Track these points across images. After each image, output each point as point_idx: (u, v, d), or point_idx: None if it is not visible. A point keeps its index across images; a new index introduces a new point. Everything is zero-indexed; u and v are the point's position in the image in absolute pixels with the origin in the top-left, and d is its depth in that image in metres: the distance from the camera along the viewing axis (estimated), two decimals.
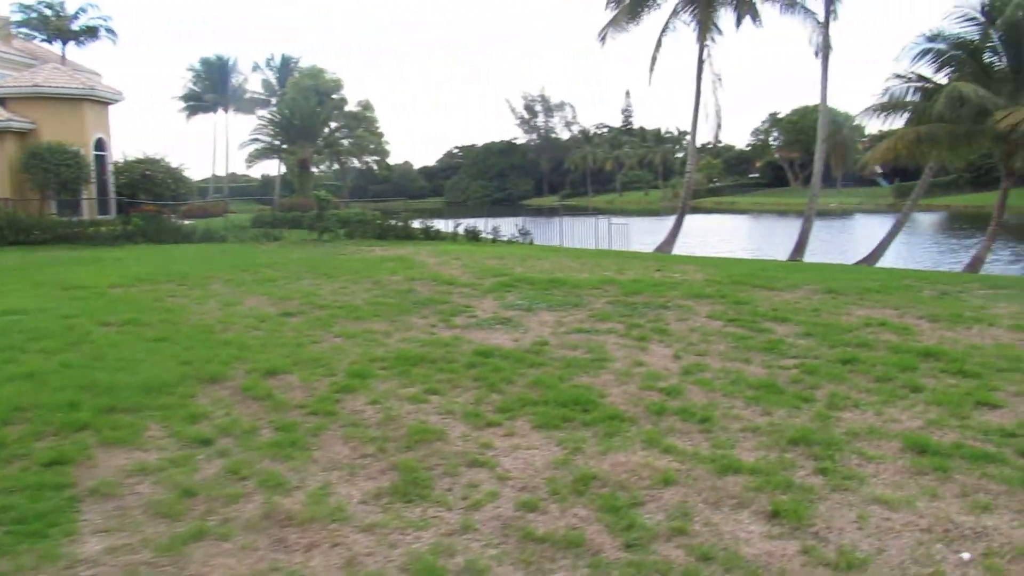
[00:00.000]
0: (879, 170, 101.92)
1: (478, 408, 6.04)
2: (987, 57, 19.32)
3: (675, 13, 26.87)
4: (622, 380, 7.06)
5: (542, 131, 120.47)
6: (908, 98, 20.20)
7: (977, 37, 19.19)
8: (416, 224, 28.95)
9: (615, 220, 36.20)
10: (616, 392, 6.62)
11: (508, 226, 31.47)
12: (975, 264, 19.54)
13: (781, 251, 37.30)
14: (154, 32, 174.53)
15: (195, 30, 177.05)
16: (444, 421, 5.73)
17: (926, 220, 64.08)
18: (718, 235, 51.70)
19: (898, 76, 20.13)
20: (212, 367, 7.39)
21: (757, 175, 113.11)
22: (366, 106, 60.68)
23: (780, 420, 5.85)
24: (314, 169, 59.52)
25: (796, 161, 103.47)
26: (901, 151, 19.34)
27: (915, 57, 19.48)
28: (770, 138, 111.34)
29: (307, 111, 47.71)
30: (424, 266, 16.76)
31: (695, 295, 12.07)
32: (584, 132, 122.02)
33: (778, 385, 6.84)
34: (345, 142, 57.53)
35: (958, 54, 19.29)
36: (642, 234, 41.67)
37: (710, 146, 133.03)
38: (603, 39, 27.12)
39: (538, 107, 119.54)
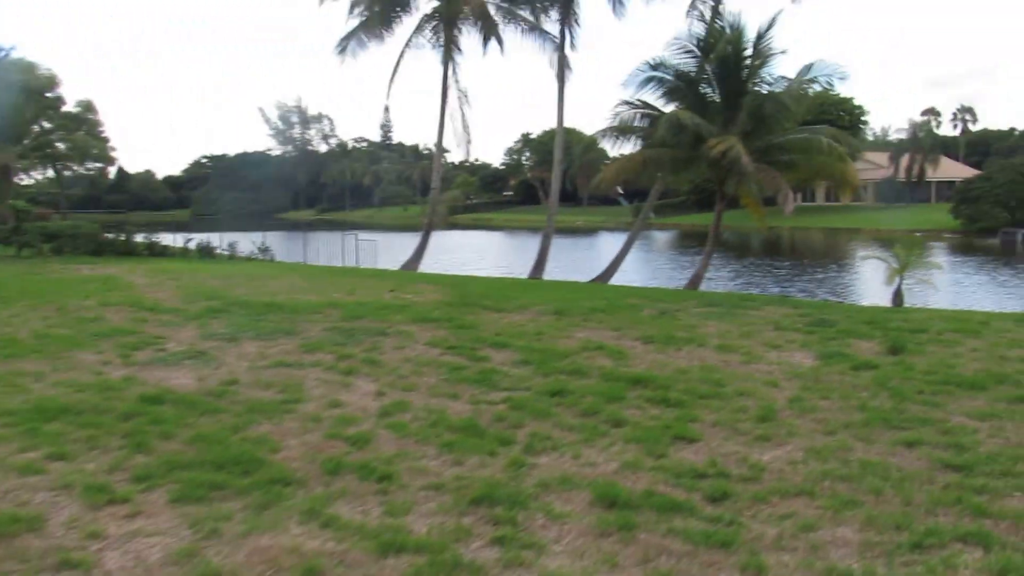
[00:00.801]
0: (620, 191, 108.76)
1: (109, 477, 4.93)
2: (704, 88, 20.52)
3: (419, 29, 26.55)
4: (308, 427, 6.24)
5: (298, 143, 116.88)
6: (636, 123, 21.03)
7: (694, 69, 20.34)
8: (140, 239, 26.41)
9: (363, 236, 35.31)
10: (294, 444, 5.78)
11: (249, 242, 29.65)
12: (695, 281, 20.65)
13: (528, 268, 38.22)
14: None
15: None
16: (53, 501, 4.56)
17: (661, 238, 68.73)
18: (470, 252, 52.17)
19: (626, 102, 20.91)
20: None
21: (511, 193, 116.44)
22: (87, 107, 55.25)
23: (470, 472, 5.28)
24: (24, 177, 53.32)
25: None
26: (629, 173, 20.10)
27: (640, 84, 20.33)
28: (523, 158, 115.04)
29: (8, 108, 42.40)
30: (130, 288, 15.00)
31: (420, 319, 11.49)
32: (342, 145, 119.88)
33: (479, 426, 6.32)
34: (61, 145, 52.02)
35: (679, 84, 20.34)
36: (395, 251, 40.96)
37: (466, 163, 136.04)
38: (343, 51, 26.21)
39: (294, 118, 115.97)
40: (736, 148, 17.87)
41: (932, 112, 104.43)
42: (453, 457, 5.57)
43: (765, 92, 19.97)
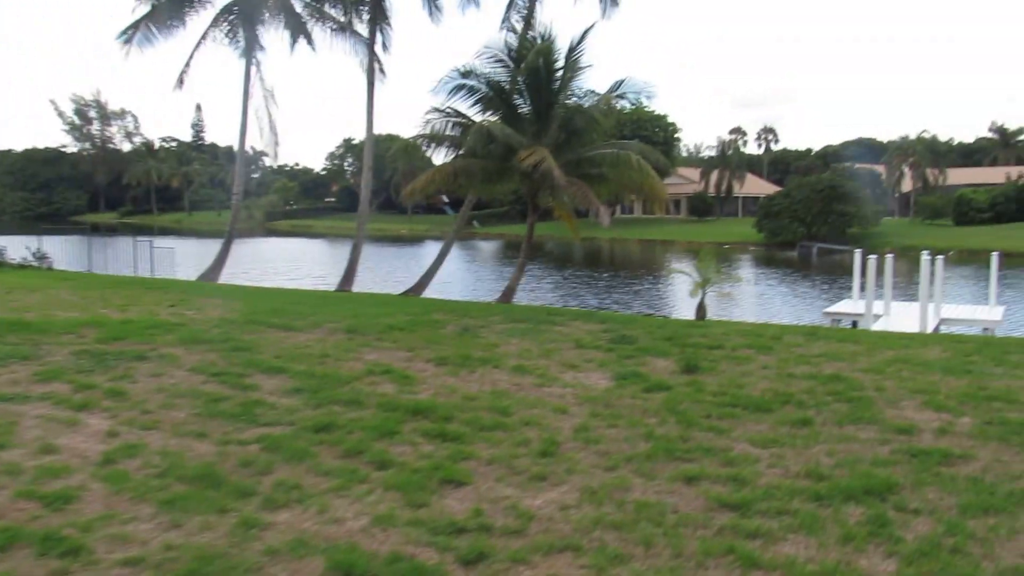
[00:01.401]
0: (446, 199, 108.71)
1: None
2: (516, 99, 20.24)
3: (216, 23, 24.81)
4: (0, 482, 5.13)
5: (97, 140, 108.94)
6: (448, 132, 20.44)
7: (506, 79, 20.02)
8: None
9: (160, 243, 32.91)
10: None
11: (23, 247, 26.79)
12: (508, 294, 20.31)
13: (338, 278, 36.93)
14: None
15: None
16: None
17: (486, 248, 68.94)
18: (284, 261, 50.11)
19: (437, 110, 20.30)
20: None
21: (334, 199, 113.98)
22: None
23: (186, 538, 4.39)
24: None
25: (447, 191, 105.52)
26: (440, 184, 19.50)
27: (450, 92, 19.79)
28: (345, 163, 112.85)
29: None
30: None
31: (192, 340, 10.32)
32: (148, 144, 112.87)
33: (219, 474, 5.42)
34: None
35: (490, 94, 19.96)
36: (199, 259, 38.57)
37: (286, 168, 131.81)
38: (128, 41, 24.03)
39: (93, 113, 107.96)
40: (547, 160, 17.66)
41: (739, 131, 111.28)
42: (171, 518, 4.65)
43: (576, 105, 19.93)
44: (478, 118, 20.35)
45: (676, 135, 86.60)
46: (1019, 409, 7.19)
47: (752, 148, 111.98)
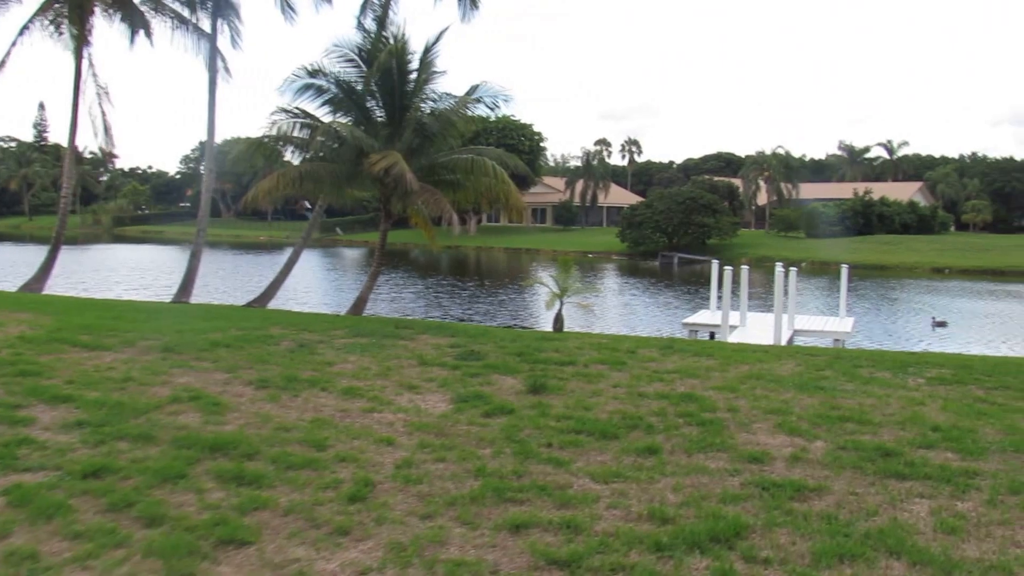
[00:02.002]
0: (308, 205, 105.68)
1: None
2: (369, 101, 19.26)
3: (43, 12, 22.63)
4: None
5: None
6: (296, 133, 19.20)
7: (358, 80, 19.02)
8: None
9: None
10: None
11: None
12: (359, 305, 19.25)
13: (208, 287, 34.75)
14: None
15: None
16: None
17: (350, 255, 67.19)
18: (127, 269, 47.08)
19: (284, 110, 19.04)
20: None
21: (188, 204, 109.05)
22: None
23: None
24: None
25: (228, 192, 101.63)
26: (285, 188, 18.26)
27: (297, 91, 18.59)
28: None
29: None
30: None
31: None
32: None
33: None
34: None
35: (340, 94, 18.90)
36: (29, 267, 35.53)
37: (137, 171, 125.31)
38: None
39: None
40: (400, 165, 16.77)
41: (604, 143, 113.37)
42: None
43: (430, 109, 19.13)
44: (329, 120, 19.25)
45: (542, 144, 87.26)
46: (871, 431, 6.85)
47: (617, 160, 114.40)
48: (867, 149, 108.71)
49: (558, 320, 16.67)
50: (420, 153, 19.30)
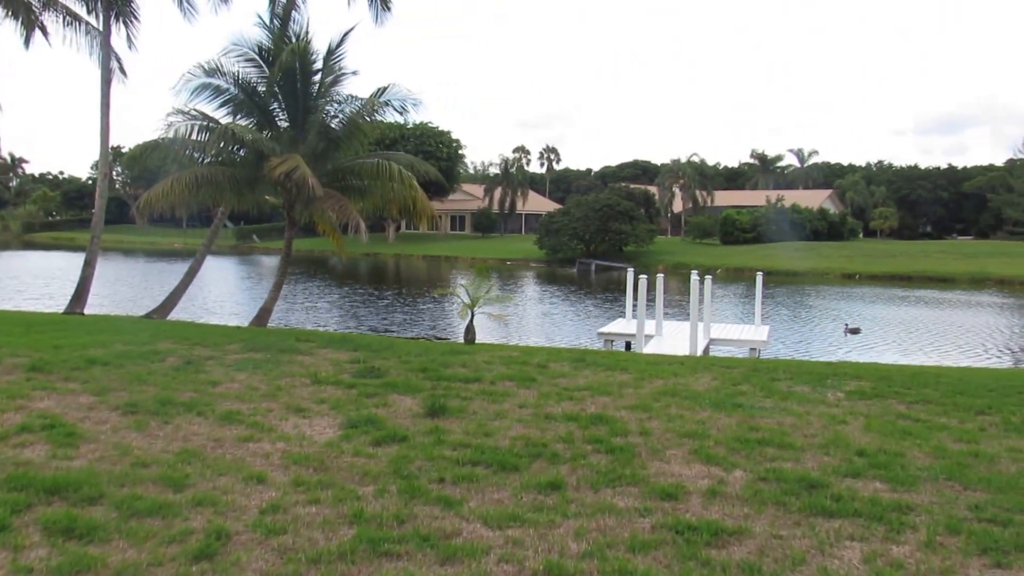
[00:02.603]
0: (223, 210, 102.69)
1: None
2: (272, 103, 18.28)
3: None
4: None
5: None
6: (195, 136, 18.06)
7: (258, 80, 18.04)
8: None
9: None
10: None
11: None
12: (262, 316, 18.21)
13: (91, 298, 32.80)
14: None
15: None
16: None
17: (268, 263, 65.24)
18: (31, 276, 44.57)
19: (181, 112, 17.90)
20: None
21: None
22: None
23: None
24: None
25: (192, 202, 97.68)
26: (181, 194, 17.12)
27: (194, 92, 17.49)
28: (114, 172, 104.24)
29: None
30: None
31: None
32: None
33: None
34: None
35: (240, 95, 17.87)
36: None
37: (48, 176, 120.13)
38: None
39: None
40: (301, 169, 15.86)
41: (522, 150, 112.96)
42: None
43: (335, 111, 18.25)
44: (231, 122, 18.20)
45: (460, 151, 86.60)
46: (793, 456, 6.36)
47: (536, 167, 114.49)
48: (779, 157, 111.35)
49: (469, 332, 16.00)
50: (325, 158, 18.44)
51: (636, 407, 8.24)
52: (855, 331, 26.47)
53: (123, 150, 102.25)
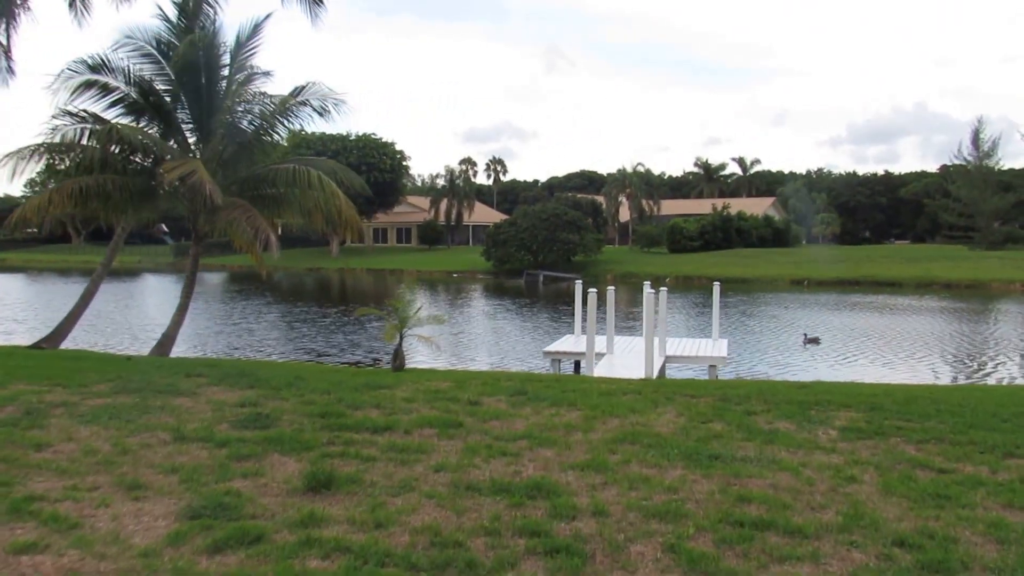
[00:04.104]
0: (165, 228, 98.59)
1: None
2: (173, 103, 16.09)
3: None
4: None
5: None
6: (86, 140, 15.80)
7: (156, 76, 15.85)
8: None
9: None
10: None
11: None
12: (164, 344, 15.93)
13: (24, 323, 29.97)
14: None
15: None
16: None
17: (210, 280, 62.27)
18: None
19: (69, 113, 15.64)
20: None
21: (35, 230, 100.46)
22: None
23: None
24: None
25: (79, 216, 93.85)
26: (63, 206, 14.84)
27: (76, 90, 15.22)
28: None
29: None
30: None
31: None
32: None
33: None
34: None
35: (131, 93, 15.67)
36: None
37: None
38: None
39: None
40: (199, 174, 13.74)
41: (469, 162, 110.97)
42: None
43: (243, 111, 16.12)
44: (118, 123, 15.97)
45: (405, 163, 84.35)
46: (809, 555, 4.49)
47: (483, 179, 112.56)
48: (723, 166, 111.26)
49: (397, 357, 13.96)
50: (236, 164, 16.34)
51: (587, 466, 6.38)
52: (814, 341, 25.06)
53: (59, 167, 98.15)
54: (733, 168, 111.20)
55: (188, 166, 13.89)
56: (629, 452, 6.93)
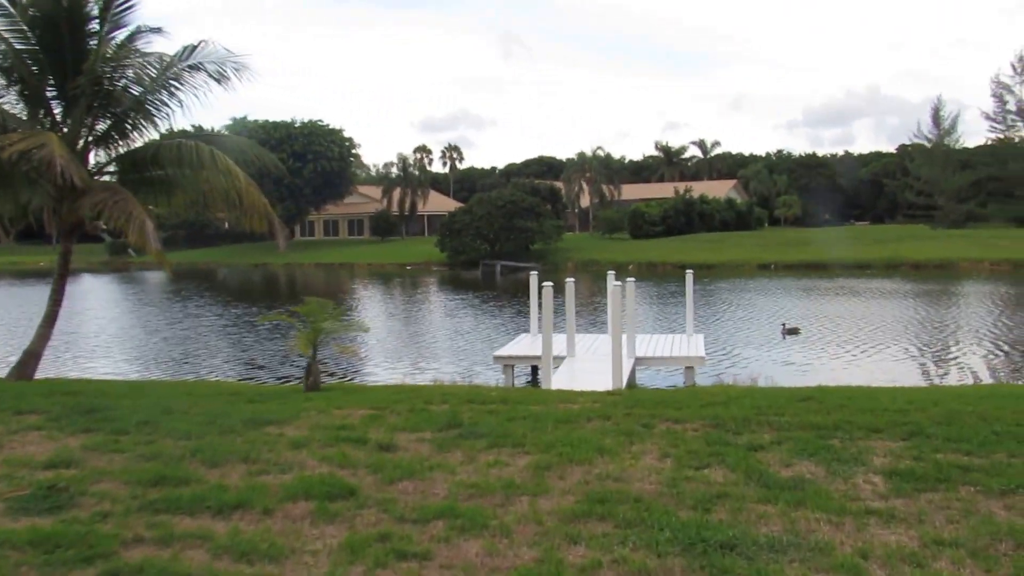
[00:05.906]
0: (104, 225, 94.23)
1: None
2: (28, 64, 13.21)
3: None
4: None
5: None
6: None
7: (8, 32, 12.97)
8: None
9: None
10: None
11: None
12: (25, 364, 13.07)
13: None
14: None
15: None
16: None
17: (153, 279, 58.79)
18: None
19: None
20: None
21: None
22: None
23: None
24: None
25: (6, 215, 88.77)
26: None
27: None
28: None
29: None
30: None
31: None
32: None
33: None
34: None
35: None
36: None
37: None
38: None
39: None
40: (48, 148, 10.96)
41: (423, 150, 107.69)
42: None
43: (116, 76, 13.24)
44: None
45: (353, 150, 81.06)
46: None
47: (438, 167, 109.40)
48: (683, 149, 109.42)
49: (310, 374, 11.35)
50: (111, 141, 13.54)
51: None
52: (793, 331, 22.89)
53: None
54: (694, 151, 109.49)
55: (35, 139, 11.12)
56: (598, 541, 4.49)
